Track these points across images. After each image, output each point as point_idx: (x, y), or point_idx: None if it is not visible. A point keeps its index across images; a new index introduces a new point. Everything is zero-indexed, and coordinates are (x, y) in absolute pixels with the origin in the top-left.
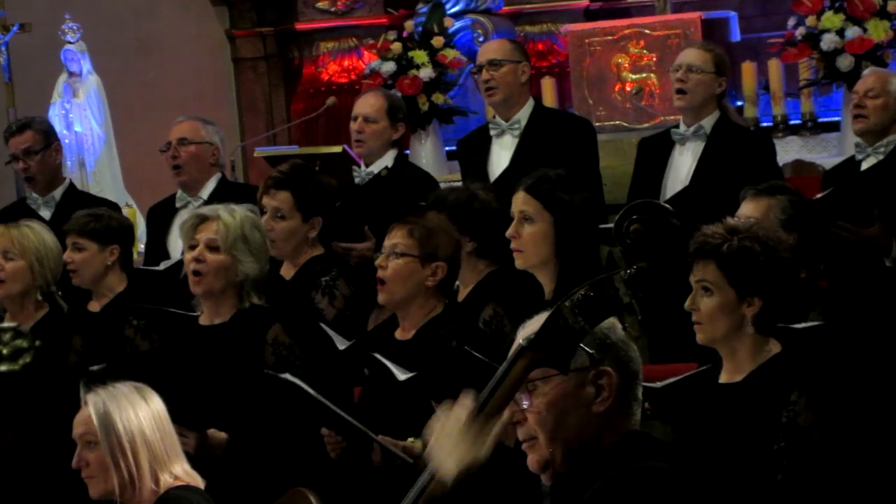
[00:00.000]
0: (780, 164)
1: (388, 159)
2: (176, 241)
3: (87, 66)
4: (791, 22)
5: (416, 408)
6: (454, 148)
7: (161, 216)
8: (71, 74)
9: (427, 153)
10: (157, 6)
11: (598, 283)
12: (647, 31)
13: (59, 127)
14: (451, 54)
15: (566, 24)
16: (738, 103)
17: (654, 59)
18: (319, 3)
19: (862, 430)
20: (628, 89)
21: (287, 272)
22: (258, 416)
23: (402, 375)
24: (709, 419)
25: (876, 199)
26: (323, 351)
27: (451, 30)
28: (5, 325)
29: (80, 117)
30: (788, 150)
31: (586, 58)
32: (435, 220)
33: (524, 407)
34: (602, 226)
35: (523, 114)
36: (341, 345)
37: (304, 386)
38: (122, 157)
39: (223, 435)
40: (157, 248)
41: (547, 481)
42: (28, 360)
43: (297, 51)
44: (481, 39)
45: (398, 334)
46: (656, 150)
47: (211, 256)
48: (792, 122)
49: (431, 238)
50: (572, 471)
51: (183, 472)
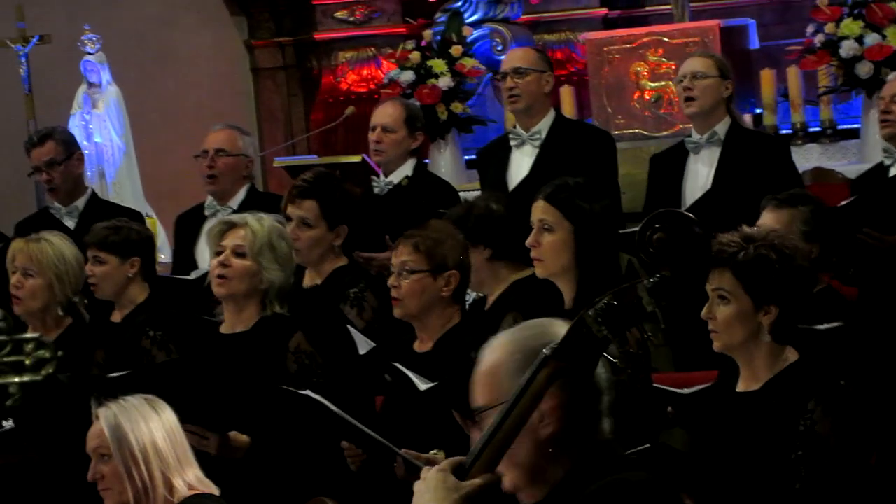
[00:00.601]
0: (799, 171)
1: (407, 169)
2: (204, 250)
3: (106, 76)
4: (810, 29)
5: (439, 418)
6: (473, 157)
7: (190, 224)
8: (90, 85)
9: (446, 162)
10: (177, 17)
11: (621, 291)
12: (666, 39)
13: (79, 138)
14: (469, 63)
15: (585, 33)
16: (757, 111)
17: (673, 67)
18: (338, 13)
19: (880, 438)
20: (647, 97)
21: (310, 281)
22: (279, 423)
23: (423, 385)
24: (726, 428)
25: None
26: (345, 360)
27: (469, 39)
28: (27, 335)
29: (100, 128)
30: (808, 158)
31: (605, 66)
32: (438, 228)
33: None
34: (622, 231)
35: (544, 124)
36: (363, 348)
37: (325, 402)
38: (142, 168)
39: (245, 438)
40: (185, 256)
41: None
42: (50, 370)
43: (315, 60)
44: (500, 48)
45: (417, 347)
46: (670, 162)
47: (237, 262)
48: (811, 130)
49: (438, 249)
50: (550, 495)
51: (196, 481)
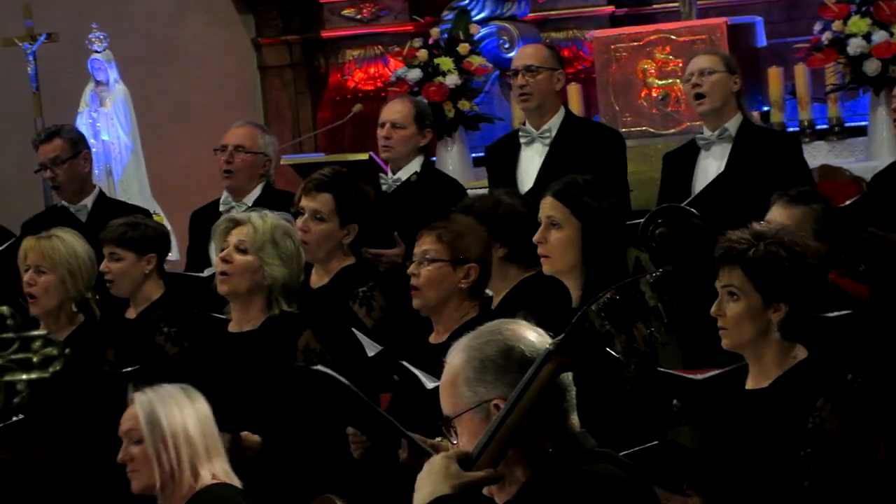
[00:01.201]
0: None
1: (415, 166)
2: None
3: (113, 75)
4: (817, 27)
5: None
6: (480, 154)
7: (204, 221)
8: (98, 83)
9: (453, 160)
10: (184, 15)
11: (624, 286)
12: (673, 37)
13: (86, 136)
14: (476, 61)
15: (592, 31)
16: (765, 108)
17: (680, 65)
18: (345, 11)
19: (889, 435)
20: (654, 95)
21: (318, 280)
22: (287, 422)
23: (430, 384)
24: (735, 425)
25: None
26: (353, 358)
27: (476, 36)
28: (35, 333)
29: (108, 126)
30: (815, 155)
31: (612, 64)
32: (462, 222)
33: (454, 444)
34: (629, 222)
35: (554, 122)
36: (371, 351)
37: (336, 375)
38: (149, 166)
39: (257, 438)
40: (200, 253)
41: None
42: (58, 367)
43: (323, 58)
44: (507, 46)
45: (432, 338)
46: (682, 159)
47: (238, 258)
48: (819, 127)
49: (461, 241)
50: (519, 493)
51: (222, 472)
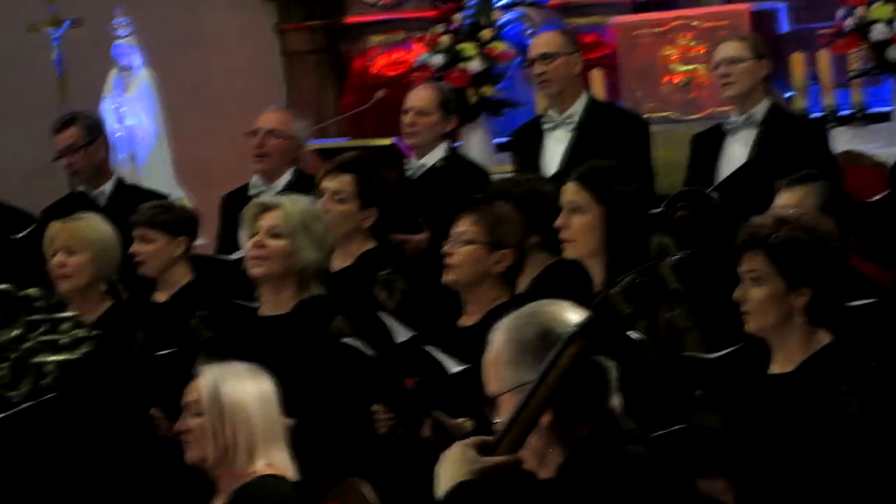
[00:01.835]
0: None
1: (440, 152)
2: None
3: (138, 60)
4: (840, 13)
5: (470, 398)
6: (504, 140)
7: (235, 204)
8: (122, 69)
9: (476, 146)
10: (208, 0)
11: (644, 269)
12: (696, 23)
13: (111, 121)
14: (499, 47)
15: (614, 17)
16: (789, 94)
17: (703, 51)
18: None
19: None
20: (676, 81)
21: (339, 263)
22: (319, 405)
23: (454, 368)
24: (759, 409)
25: None
26: (383, 342)
27: (499, 22)
28: (64, 314)
29: (132, 111)
30: (839, 141)
31: (635, 50)
32: (502, 208)
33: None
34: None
35: (578, 107)
36: (400, 336)
37: (364, 349)
38: (174, 151)
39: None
40: (230, 236)
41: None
42: (87, 349)
43: (346, 44)
44: (529, 32)
45: (462, 321)
46: (708, 142)
47: (272, 242)
48: (842, 113)
49: (499, 226)
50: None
51: (280, 461)
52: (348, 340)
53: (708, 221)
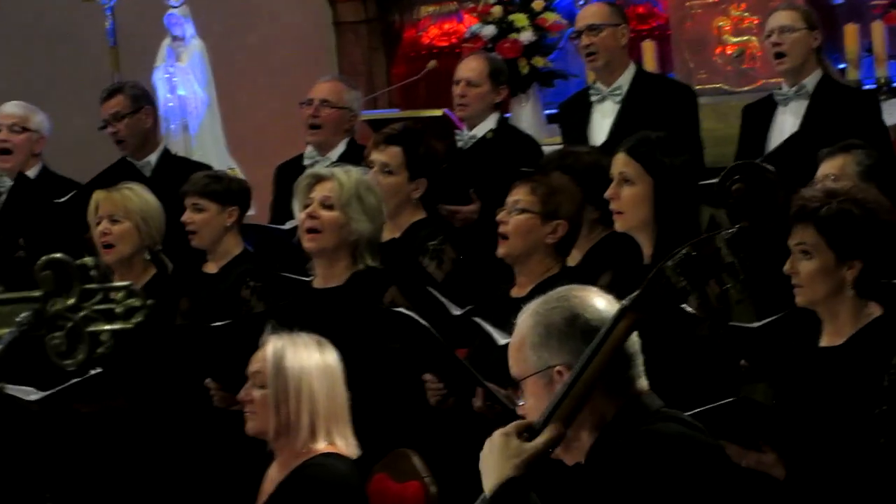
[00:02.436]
0: None
1: (490, 123)
2: None
3: (190, 30)
4: None
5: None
6: (554, 111)
7: (289, 175)
8: (174, 38)
9: (527, 117)
10: None
11: (699, 242)
12: None
13: (162, 91)
14: (551, 17)
15: None
16: (841, 66)
17: (756, 22)
18: None
19: None
20: (729, 52)
21: (388, 234)
22: (374, 378)
23: (502, 340)
24: (810, 382)
25: None
26: (437, 313)
27: None
28: (118, 283)
29: (184, 81)
30: (892, 113)
31: (687, 21)
32: (559, 179)
33: (520, 405)
34: (702, 182)
35: (625, 79)
36: (455, 311)
37: (418, 318)
38: (225, 121)
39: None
40: (283, 206)
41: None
42: (141, 318)
43: (397, 14)
44: (581, 2)
45: (514, 292)
46: (760, 113)
47: (325, 214)
48: (895, 85)
49: (554, 196)
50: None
51: (341, 439)
52: (402, 310)
53: (763, 195)
